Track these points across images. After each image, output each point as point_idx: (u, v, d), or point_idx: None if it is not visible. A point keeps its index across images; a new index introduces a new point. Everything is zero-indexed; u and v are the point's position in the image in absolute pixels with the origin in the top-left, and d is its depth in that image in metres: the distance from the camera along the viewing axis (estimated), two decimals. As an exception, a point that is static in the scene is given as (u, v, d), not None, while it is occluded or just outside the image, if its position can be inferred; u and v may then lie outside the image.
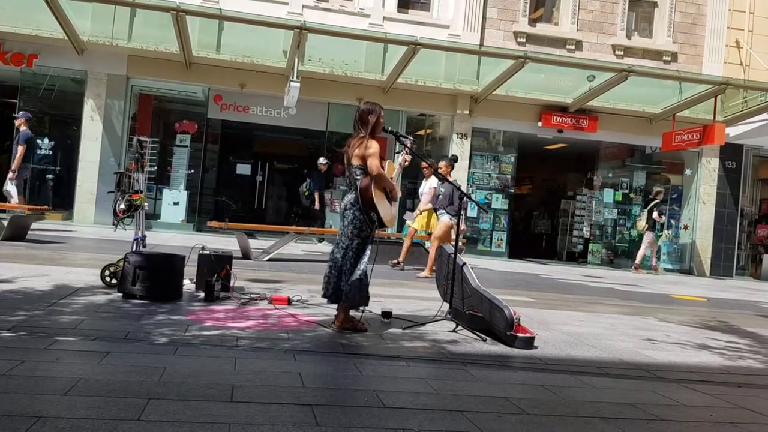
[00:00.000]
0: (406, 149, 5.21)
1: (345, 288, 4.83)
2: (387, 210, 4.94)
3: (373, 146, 4.81)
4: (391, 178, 5.08)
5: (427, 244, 12.27)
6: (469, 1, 15.76)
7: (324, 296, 5.00)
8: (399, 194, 5.29)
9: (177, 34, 13.00)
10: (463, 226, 13.17)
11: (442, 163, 9.92)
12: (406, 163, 5.25)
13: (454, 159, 10.77)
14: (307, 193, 15.29)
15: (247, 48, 14.37)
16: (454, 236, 7.81)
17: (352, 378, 3.72)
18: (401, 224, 14.11)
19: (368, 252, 4.94)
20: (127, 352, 3.80)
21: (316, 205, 15.17)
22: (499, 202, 16.37)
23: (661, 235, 16.15)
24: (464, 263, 5.46)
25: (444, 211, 9.63)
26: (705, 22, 16.86)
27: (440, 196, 9.75)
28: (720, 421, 3.49)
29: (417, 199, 16.63)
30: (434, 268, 8.55)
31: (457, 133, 15.81)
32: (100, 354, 3.67)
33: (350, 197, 4.93)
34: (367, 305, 5.04)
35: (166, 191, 15.08)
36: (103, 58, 14.37)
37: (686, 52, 16.81)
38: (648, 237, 15.54)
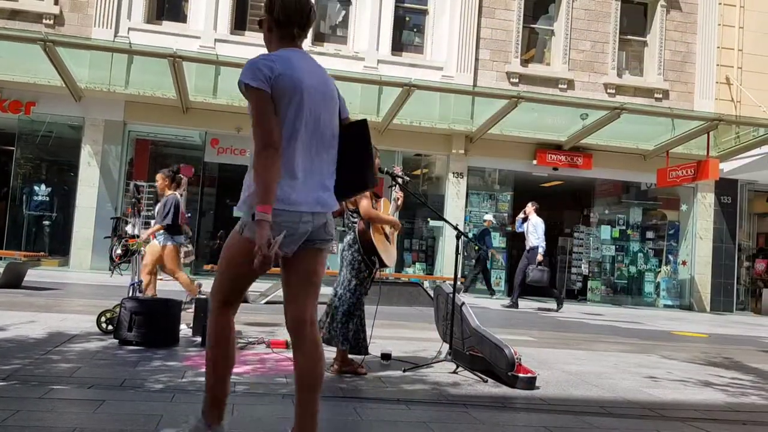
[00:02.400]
0: (398, 186, 5.22)
1: (341, 332, 4.79)
2: (387, 251, 4.94)
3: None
4: (387, 215, 5.09)
5: (426, 284, 12.25)
6: (462, 43, 16.00)
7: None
8: (399, 224, 5.29)
9: (174, 79, 13.15)
10: (496, 255, 13.21)
11: (158, 176, 8.15)
12: (400, 201, 5.26)
13: (174, 171, 8.33)
14: (477, 248, 15.55)
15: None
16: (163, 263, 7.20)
17: (351, 423, 3.66)
18: (400, 264, 14.11)
19: (365, 299, 4.92)
20: (123, 399, 3.75)
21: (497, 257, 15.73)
22: (496, 241, 16.36)
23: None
24: (463, 303, 5.43)
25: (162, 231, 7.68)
26: (695, 60, 17.12)
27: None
28: (727, 460, 3.43)
29: (414, 238, 16.67)
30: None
31: (453, 173, 15.89)
32: (95, 402, 3.61)
33: (348, 238, 4.93)
34: (366, 354, 4.99)
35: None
36: (101, 104, 14.50)
37: (677, 89, 17.03)
38: None
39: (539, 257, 12.68)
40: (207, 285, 8.73)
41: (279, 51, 2.83)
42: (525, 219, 13.07)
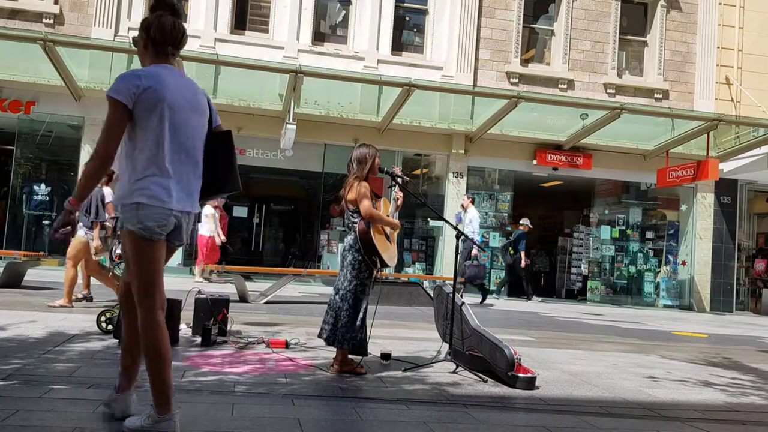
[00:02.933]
0: (398, 186, 5.22)
1: (341, 332, 4.80)
2: (387, 250, 4.95)
3: (363, 189, 4.84)
4: (388, 216, 5.09)
5: (426, 284, 12.25)
6: (462, 43, 16.00)
7: (319, 336, 4.98)
8: (399, 225, 5.30)
9: (174, 79, 13.12)
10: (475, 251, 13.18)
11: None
12: (400, 201, 5.27)
13: None
14: (512, 252, 15.56)
15: (243, 92, 14.52)
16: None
17: (351, 423, 3.66)
18: (399, 264, 14.10)
19: (366, 300, 4.92)
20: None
21: (523, 263, 15.48)
22: (496, 241, 16.37)
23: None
24: (463, 303, 5.43)
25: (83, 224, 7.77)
26: (695, 60, 17.12)
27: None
28: (727, 460, 3.43)
29: (414, 238, 16.67)
30: (78, 296, 8.04)
31: (453, 172, 15.89)
32: (95, 402, 3.60)
33: (349, 239, 4.94)
34: (365, 356, 4.99)
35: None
36: (101, 104, 14.23)
37: (677, 89, 17.03)
38: None
39: (474, 252, 12.30)
40: (208, 286, 8.69)
41: (151, 67, 3.15)
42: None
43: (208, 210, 13.04)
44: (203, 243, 13.04)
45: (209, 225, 12.97)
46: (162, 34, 3.16)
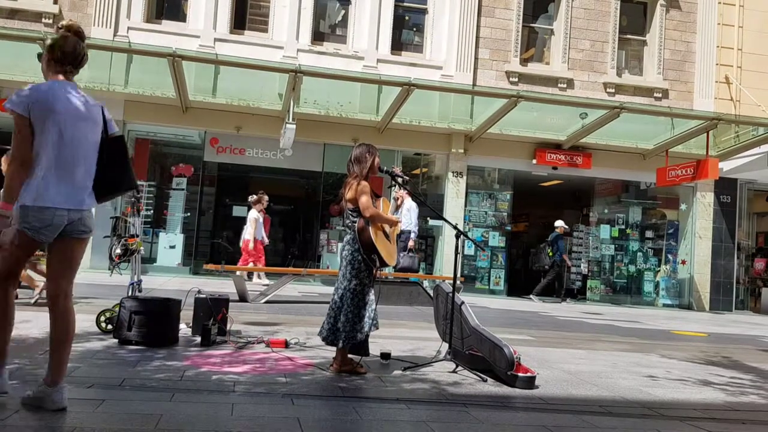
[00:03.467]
0: (398, 185, 5.24)
1: (342, 332, 4.80)
2: (387, 249, 4.94)
3: (364, 188, 4.83)
4: (387, 214, 5.10)
5: (425, 284, 12.25)
6: (462, 42, 16.00)
7: (319, 335, 4.99)
8: (399, 222, 5.31)
9: (173, 79, 13.14)
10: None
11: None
12: (400, 201, 5.27)
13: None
14: (551, 254, 15.76)
15: (242, 91, 14.52)
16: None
17: (351, 422, 3.66)
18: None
19: (371, 296, 4.92)
20: (123, 399, 3.75)
21: (569, 263, 15.87)
22: (496, 240, 16.37)
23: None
24: (462, 302, 5.43)
25: None
26: (694, 59, 17.12)
27: None
28: (726, 459, 3.43)
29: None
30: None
31: (453, 172, 15.89)
32: (95, 402, 3.61)
33: (348, 238, 4.94)
34: (365, 355, 5.00)
35: (162, 235, 15.05)
36: (100, 103, 14.45)
37: (677, 88, 17.03)
38: None
39: (411, 243, 12.17)
40: (208, 285, 8.73)
41: (48, 81, 3.58)
42: (399, 205, 12.27)
43: (252, 214, 13.25)
44: (245, 246, 13.23)
45: (251, 228, 13.07)
46: (63, 54, 3.62)
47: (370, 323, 4.84)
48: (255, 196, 13.48)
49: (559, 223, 16.10)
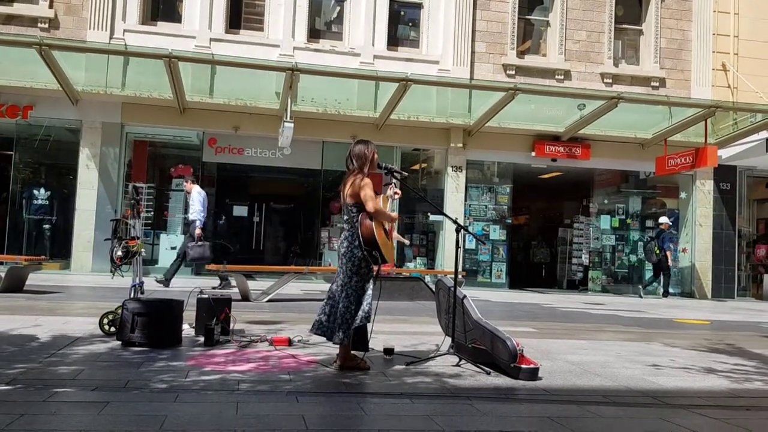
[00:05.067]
0: (395, 182, 5.23)
1: (341, 327, 4.79)
2: (386, 245, 4.94)
3: (366, 183, 4.83)
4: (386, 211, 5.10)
5: (427, 279, 12.26)
6: (458, 37, 15.98)
7: (314, 331, 4.95)
8: (397, 217, 5.31)
9: (170, 80, 13.13)
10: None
11: None
12: (397, 197, 5.27)
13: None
14: (658, 251, 15.72)
15: (240, 91, 14.51)
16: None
17: (355, 418, 3.67)
18: (400, 260, 14.13)
19: (370, 292, 4.91)
20: (127, 401, 3.76)
21: (670, 262, 15.88)
22: (497, 233, 16.37)
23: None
24: (464, 296, 5.44)
25: None
26: (691, 47, 17.10)
27: None
28: (730, 446, 3.44)
29: (414, 233, 16.68)
30: None
31: (452, 166, 15.88)
32: (99, 404, 3.62)
33: (347, 234, 4.93)
34: (368, 351, 5.00)
35: (163, 236, 15.05)
36: (98, 107, 14.49)
37: (674, 77, 17.01)
38: None
39: (198, 231, 11.67)
40: (202, 284, 8.71)
41: None
42: (189, 192, 12.18)
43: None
44: None
45: None
46: None
47: (362, 315, 4.83)
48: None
49: (663, 219, 16.22)
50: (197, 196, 11.96)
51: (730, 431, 3.73)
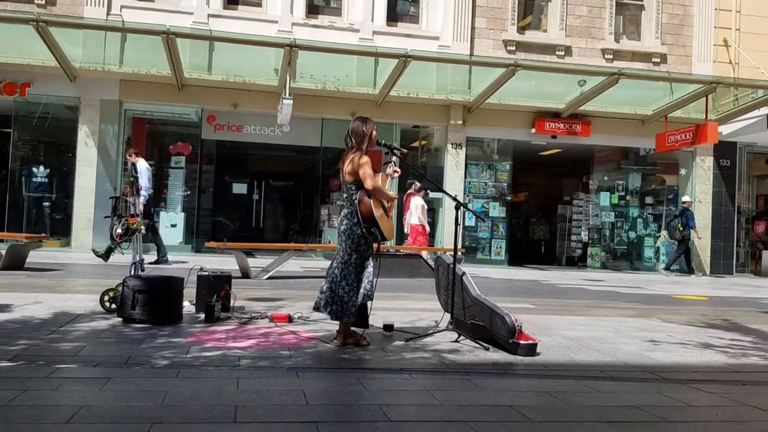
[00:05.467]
0: (395, 161, 5.22)
1: (343, 304, 4.82)
2: (386, 223, 4.95)
3: (365, 161, 4.82)
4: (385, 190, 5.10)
5: (425, 254, 12.30)
6: (458, 12, 15.85)
7: (315, 309, 5.00)
8: (396, 197, 5.32)
9: (168, 56, 13.05)
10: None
11: None
12: (396, 175, 5.26)
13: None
14: (681, 229, 15.78)
15: (238, 68, 14.43)
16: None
17: (355, 393, 3.70)
18: (400, 237, 14.14)
19: (370, 270, 4.93)
20: (129, 377, 3.79)
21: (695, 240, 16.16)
22: (496, 210, 16.38)
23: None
24: (464, 273, 5.45)
25: None
26: (692, 23, 16.97)
27: None
28: (726, 420, 3.48)
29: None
30: None
31: (452, 143, 15.84)
32: (101, 380, 3.65)
33: (346, 212, 4.93)
34: (368, 327, 5.04)
35: (162, 214, 15.07)
36: (96, 84, 14.42)
37: (675, 53, 16.90)
38: None
39: (140, 206, 10.94)
40: (203, 262, 8.73)
41: None
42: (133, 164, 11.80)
43: (419, 201, 13.53)
44: (416, 231, 13.57)
45: (418, 214, 13.36)
46: None
47: (364, 293, 4.85)
48: (418, 184, 13.81)
49: (686, 198, 16.31)
50: (145, 171, 11.77)
51: (727, 405, 3.76)
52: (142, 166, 11.82)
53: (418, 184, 13.92)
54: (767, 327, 7.08)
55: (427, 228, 13.80)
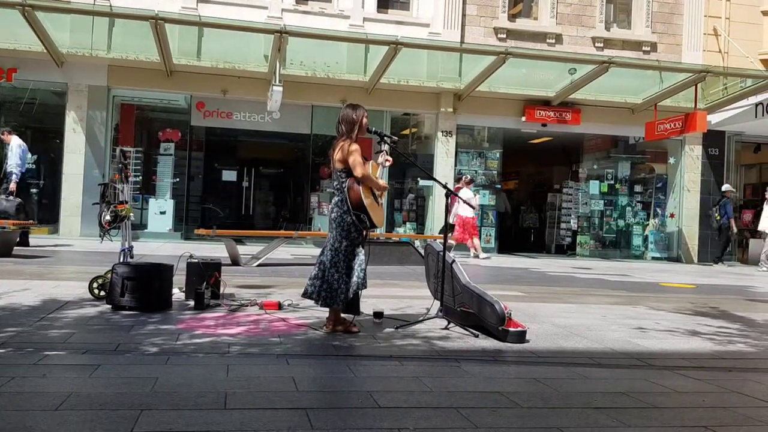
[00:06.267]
0: (386, 150, 5.21)
1: (333, 291, 4.82)
2: (376, 210, 4.95)
3: (355, 148, 4.81)
4: (376, 178, 5.09)
5: (417, 243, 12.31)
6: (448, -1, 15.79)
7: (304, 295, 4.99)
8: (386, 187, 5.31)
9: (156, 42, 12.94)
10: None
11: None
12: (388, 163, 5.25)
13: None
14: (718, 218, 15.94)
15: (227, 54, 14.33)
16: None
17: (345, 380, 3.71)
18: (390, 224, 14.17)
19: (361, 257, 4.93)
20: (118, 363, 3.78)
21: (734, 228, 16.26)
22: (486, 198, 16.40)
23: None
24: (453, 260, 5.47)
25: None
26: (682, 11, 16.99)
27: None
28: (712, 406, 3.52)
29: (404, 198, 16.70)
30: None
31: (442, 131, 15.83)
32: (90, 367, 3.64)
33: (336, 200, 4.93)
34: (358, 314, 5.05)
35: (152, 201, 14.98)
36: (84, 69, 14.27)
37: (665, 41, 16.93)
38: None
39: (12, 186, 11.15)
40: (193, 249, 8.70)
41: None
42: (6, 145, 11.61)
43: (470, 194, 13.87)
44: (468, 223, 13.95)
45: (470, 208, 13.48)
46: None
47: (357, 282, 4.86)
48: (468, 177, 14.46)
49: (726, 187, 16.33)
50: (17, 148, 11.48)
51: (713, 391, 3.80)
52: (14, 143, 11.50)
53: (468, 177, 14.20)
54: (754, 314, 7.15)
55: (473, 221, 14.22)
